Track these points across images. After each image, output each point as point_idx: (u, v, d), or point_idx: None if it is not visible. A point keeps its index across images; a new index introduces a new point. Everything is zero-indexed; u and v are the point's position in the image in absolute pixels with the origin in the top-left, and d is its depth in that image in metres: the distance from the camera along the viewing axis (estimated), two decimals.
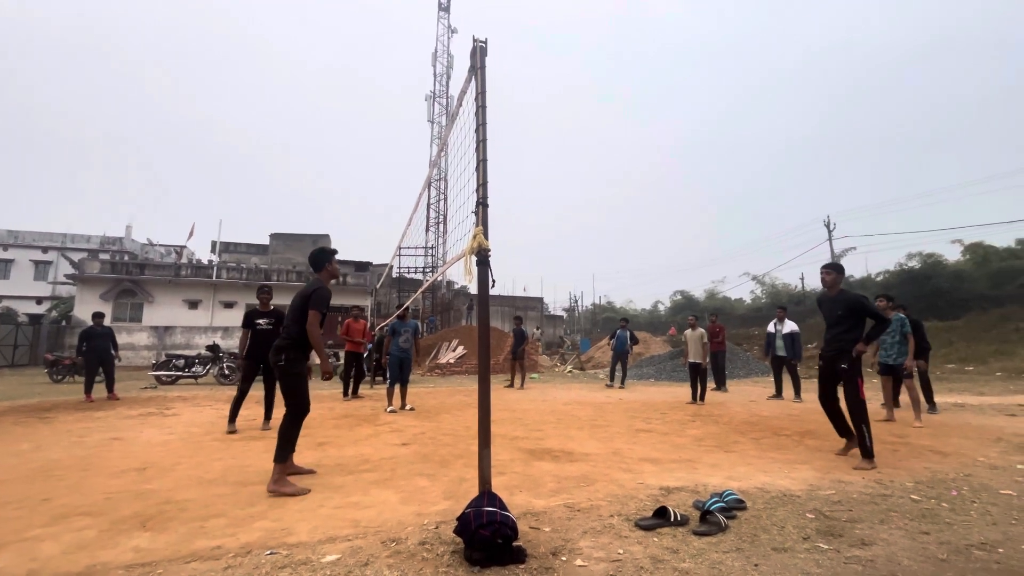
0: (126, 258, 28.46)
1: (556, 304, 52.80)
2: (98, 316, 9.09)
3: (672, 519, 2.55)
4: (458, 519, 2.24)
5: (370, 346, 10.98)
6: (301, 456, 3.94)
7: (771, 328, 9.06)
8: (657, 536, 2.42)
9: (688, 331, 8.82)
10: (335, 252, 3.77)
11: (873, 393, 9.21)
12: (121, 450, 4.56)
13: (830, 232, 28.49)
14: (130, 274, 24.67)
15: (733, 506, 2.78)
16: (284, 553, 2.25)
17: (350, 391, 8.95)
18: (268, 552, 2.26)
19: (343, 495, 3.14)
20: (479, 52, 2.82)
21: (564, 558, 2.17)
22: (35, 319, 26.64)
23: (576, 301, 54.72)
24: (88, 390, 8.52)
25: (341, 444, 4.79)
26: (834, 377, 4.15)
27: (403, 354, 7.26)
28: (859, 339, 4.01)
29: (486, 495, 2.34)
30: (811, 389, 4.27)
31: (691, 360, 8.52)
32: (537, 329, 33.59)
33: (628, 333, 11.42)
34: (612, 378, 11.66)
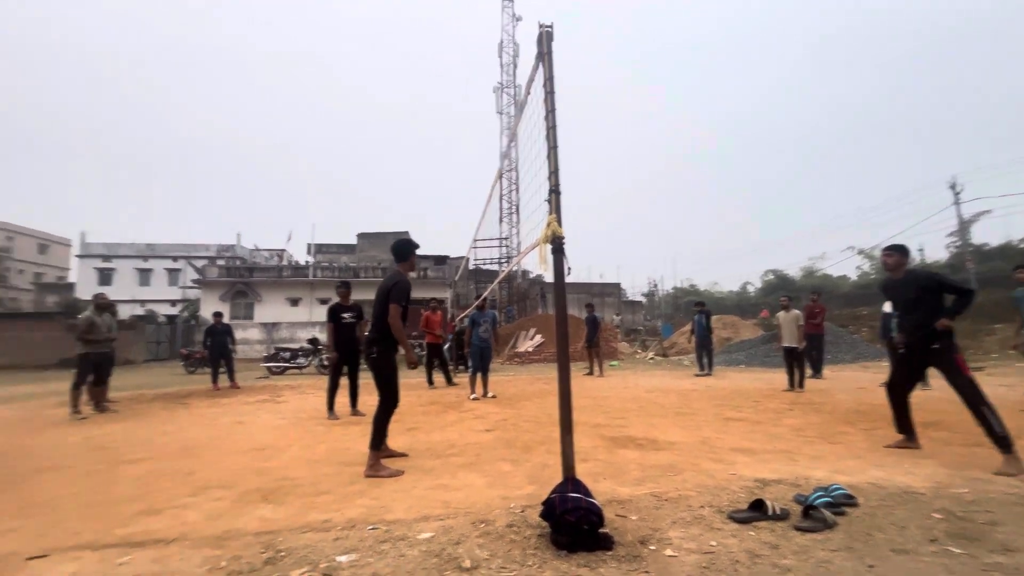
0: (238, 263, 32.00)
1: (634, 289, 50.97)
2: (218, 315, 10.37)
3: (770, 513, 2.39)
4: (543, 504, 2.27)
5: (451, 337, 11.41)
6: (394, 440, 4.21)
7: (887, 308, 8.10)
8: (753, 530, 2.29)
9: (781, 313, 8.19)
10: (418, 245, 3.94)
11: (1003, 379, 7.94)
12: (244, 432, 5.18)
13: (956, 195, 24.68)
14: (242, 277, 27.77)
15: (841, 502, 2.55)
16: (384, 528, 2.43)
17: (434, 379, 9.41)
18: (370, 527, 2.45)
19: (433, 477, 3.31)
20: (545, 37, 2.77)
21: (653, 547, 2.12)
22: (171, 319, 30.79)
23: (655, 285, 52.62)
24: (214, 380, 9.73)
25: (429, 429, 5.06)
26: (922, 365, 3.78)
27: (483, 343, 7.50)
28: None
29: (570, 481, 2.35)
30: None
31: (785, 344, 7.90)
32: (617, 315, 32.89)
33: (705, 317, 10.87)
34: (700, 366, 11.16)
